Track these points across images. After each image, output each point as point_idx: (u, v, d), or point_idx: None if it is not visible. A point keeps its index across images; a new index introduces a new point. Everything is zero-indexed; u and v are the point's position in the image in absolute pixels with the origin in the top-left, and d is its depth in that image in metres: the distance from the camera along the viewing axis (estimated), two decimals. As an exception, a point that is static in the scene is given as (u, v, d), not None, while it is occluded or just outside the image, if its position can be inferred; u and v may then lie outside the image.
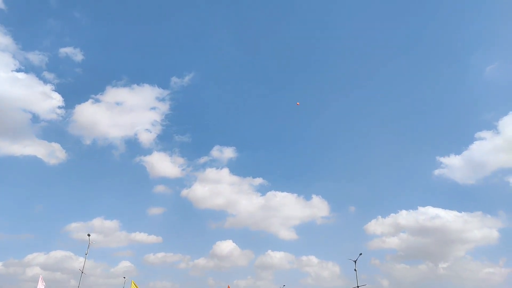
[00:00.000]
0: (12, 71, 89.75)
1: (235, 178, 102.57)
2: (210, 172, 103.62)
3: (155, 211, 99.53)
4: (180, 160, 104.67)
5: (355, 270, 41.39)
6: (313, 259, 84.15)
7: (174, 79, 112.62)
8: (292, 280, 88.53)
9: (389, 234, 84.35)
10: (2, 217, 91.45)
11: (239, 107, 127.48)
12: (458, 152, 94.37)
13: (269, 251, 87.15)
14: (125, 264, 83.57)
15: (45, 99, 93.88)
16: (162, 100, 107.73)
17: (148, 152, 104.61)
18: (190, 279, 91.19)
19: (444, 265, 75.97)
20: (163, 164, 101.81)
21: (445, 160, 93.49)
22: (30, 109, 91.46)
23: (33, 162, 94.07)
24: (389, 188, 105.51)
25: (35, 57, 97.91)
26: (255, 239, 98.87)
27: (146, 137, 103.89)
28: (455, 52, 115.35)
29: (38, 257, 79.15)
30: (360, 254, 41.54)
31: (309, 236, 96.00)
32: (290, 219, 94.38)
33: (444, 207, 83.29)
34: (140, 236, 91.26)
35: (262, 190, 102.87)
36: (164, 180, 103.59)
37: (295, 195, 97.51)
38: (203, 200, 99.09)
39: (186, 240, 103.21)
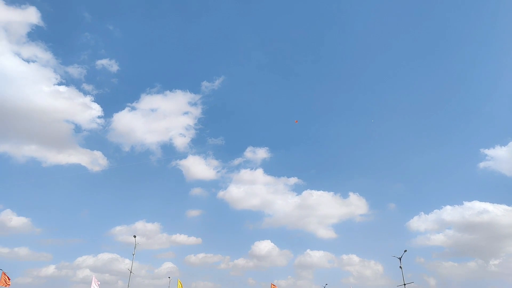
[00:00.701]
0: (54, 84, 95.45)
1: (269, 178, 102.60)
2: (245, 173, 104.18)
3: (193, 213, 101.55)
4: (215, 162, 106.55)
5: (400, 267, 40.37)
6: (354, 257, 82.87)
7: (204, 83, 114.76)
8: (333, 280, 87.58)
9: (433, 230, 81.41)
10: (53, 223, 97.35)
11: (269, 108, 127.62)
12: (503, 143, 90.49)
13: (308, 250, 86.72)
14: (168, 265, 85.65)
15: (86, 110, 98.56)
16: (194, 104, 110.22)
17: (184, 156, 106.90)
18: (231, 279, 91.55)
19: (495, 262, 72.36)
20: (198, 167, 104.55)
21: (490, 152, 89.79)
22: (72, 120, 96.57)
23: (78, 169, 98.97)
24: (431, 183, 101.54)
25: (74, 70, 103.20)
26: (293, 238, 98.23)
27: (181, 142, 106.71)
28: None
29: (87, 260, 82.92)
30: (405, 251, 40.44)
31: (348, 235, 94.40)
32: (328, 218, 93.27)
33: (492, 201, 79.61)
34: (181, 238, 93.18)
35: (297, 189, 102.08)
36: (200, 183, 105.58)
37: (331, 193, 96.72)
38: (239, 201, 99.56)
39: (225, 240, 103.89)
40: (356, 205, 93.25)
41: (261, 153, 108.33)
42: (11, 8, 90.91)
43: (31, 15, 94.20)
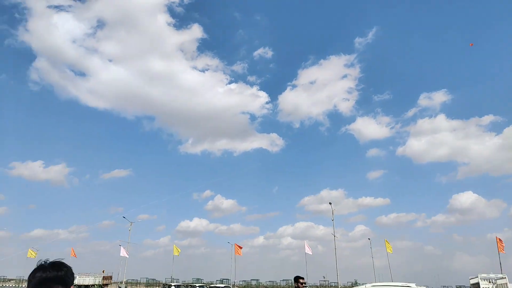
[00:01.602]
0: (226, 84, 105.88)
1: (455, 123, 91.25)
2: (423, 123, 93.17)
3: (375, 174, 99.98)
4: (386, 119, 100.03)
5: None
6: None
7: (357, 40, 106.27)
8: None
9: None
10: (253, 202, 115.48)
11: (436, 44, 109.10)
12: None
13: (527, 196, 72.20)
14: (360, 228, 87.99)
15: (255, 99, 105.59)
16: (351, 65, 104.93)
17: (352, 119, 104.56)
18: (432, 236, 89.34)
19: None
20: (370, 128, 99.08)
21: None
22: (247, 111, 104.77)
23: (261, 153, 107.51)
24: None
25: (238, 67, 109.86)
26: (501, 185, 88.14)
27: (345, 106, 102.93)
28: None
29: (287, 229, 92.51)
30: None
31: None
32: (547, 154, 74.86)
33: None
34: (367, 201, 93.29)
35: (496, 129, 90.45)
36: (375, 143, 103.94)
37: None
38: (423, 154, 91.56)
39: (416, 198, 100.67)
40: None
41: (439, 97, 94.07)
42: (180, 31, 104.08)
43: (196, 32, 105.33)
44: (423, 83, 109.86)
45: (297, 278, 6.77)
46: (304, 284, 6.77)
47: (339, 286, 39.50)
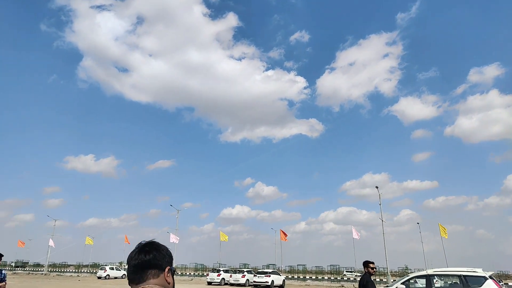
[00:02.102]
0: (263, 72, 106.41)
1: (510, 98, 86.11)
2: (474, 100, 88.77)
3: (421, 156, 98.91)
4: (432, 97, 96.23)
5: None
6: None
7: (399, 16, 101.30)
8: None
9: None
10: (294, 188, 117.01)
11: (484, 18, 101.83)
12: None
13: None
14: (406, 212, 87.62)
15: (293, 85, 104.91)
16: (392, 43, 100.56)
17: (394, 100, 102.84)
18: (484, 220, 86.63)
19: None
20: (414, 108, 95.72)
21: None
22: (285, 97, 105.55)
23: (301, 139, 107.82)
24: None
25: (275, 53, 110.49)
26: None
27: (388, 87, 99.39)
28: None
29: (329, 215, 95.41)
30: None
31: None
32: None
33: None
34: (413, 184, 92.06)
35: None
36: (421, 124, 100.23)
37: None
38: (474, 133, 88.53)
39: (466, 179, 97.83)
40: None
41: (491, 71, 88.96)
42: (216, 21, 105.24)
43: (231, 20, 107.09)
44: (473, 57, 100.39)
45: (367, 263, 6.38)
46: (374, 269, 6.35)
47: (388, 272, 38.22)
